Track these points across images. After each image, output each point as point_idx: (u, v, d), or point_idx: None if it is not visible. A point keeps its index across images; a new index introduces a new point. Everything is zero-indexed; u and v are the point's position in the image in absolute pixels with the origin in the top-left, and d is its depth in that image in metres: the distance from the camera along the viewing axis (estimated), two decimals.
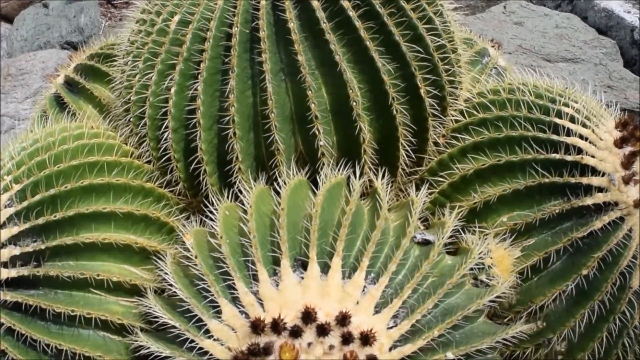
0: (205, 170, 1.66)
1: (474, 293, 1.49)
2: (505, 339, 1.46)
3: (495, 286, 1.50)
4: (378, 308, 1.40)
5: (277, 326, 1.32)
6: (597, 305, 1.53)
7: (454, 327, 1.41)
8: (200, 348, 1.41)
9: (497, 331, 1.45)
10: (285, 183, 1.53)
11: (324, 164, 1.61)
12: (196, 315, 1.43)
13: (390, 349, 1.38)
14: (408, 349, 1.37)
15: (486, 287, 1.53)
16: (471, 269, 1.51)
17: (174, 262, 1.51)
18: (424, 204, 1.56)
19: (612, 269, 1.53)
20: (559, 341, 1.61)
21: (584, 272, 1.53)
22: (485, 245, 1.56)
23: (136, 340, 1.49)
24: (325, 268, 1.42)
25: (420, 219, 1.53)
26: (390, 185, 1.55)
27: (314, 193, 1.51)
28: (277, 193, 1.52)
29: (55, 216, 1.56)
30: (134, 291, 1.56)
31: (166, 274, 1.49)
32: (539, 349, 1.60)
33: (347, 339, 1.32)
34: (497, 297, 1.48)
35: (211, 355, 1.40)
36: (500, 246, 1.59)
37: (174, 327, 1.44)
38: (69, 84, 2.18)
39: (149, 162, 1.75)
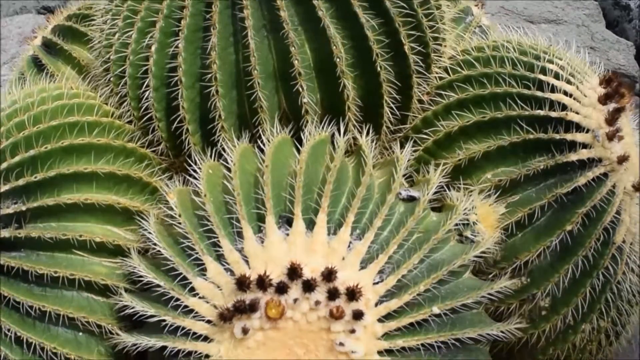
0: (187, 129, 1.64)
1: (459, 249, 1.49)
2: (490, 294, 1.46)
3: (480, 242, 1.50)
4: (364, 264, 1.40)
5: (262, 282, 1.31)
6: (580, 260, 1.54)
7: (439, 282, 1.41)
8: (185, 306, 1.40)
9: (482, 286, 1.45)
10: (268, 141, 1.51)
11: (307, 122, 1.59)
12: (181, 273, 1.41)
13: (376, 304, 1.38)
14: (394, 304, 1.37)
15: (471, 243, 1.52)
16: (456, 225, 1.50)
17: (157, 222, 1.49)
18: (408, 161, 1.55)
19: (596, 225, 1.54)
20: (542, 296, 1.62)
21: (568, 227, 1.53)
22: (470, 201, 1.55)
23: (120, 301, 1.48)
24: (310, 224, 1.41)
25: (404, 176, 1.51)
26: (374, 143, 1.54)
27: (298, 150, 1.50)
28: (261, 151, 1.50)
29: (35, 177, 1.54)
30: (118, 252, 1.54)
31: (150, 233, 1.48)
32: (523, 305, 1.61)
33: (333, 295, 1.31)
34: (482, 252, 1.48)
35: (196, 313, 1.39)
36: (485, 203, 1.59)
37: (158, 286, 1.43)
38: (47, 45, 2.14)
39: (130, 122, 1.73)
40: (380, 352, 1.37)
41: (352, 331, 1.34)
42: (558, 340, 1.65)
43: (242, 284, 1.32)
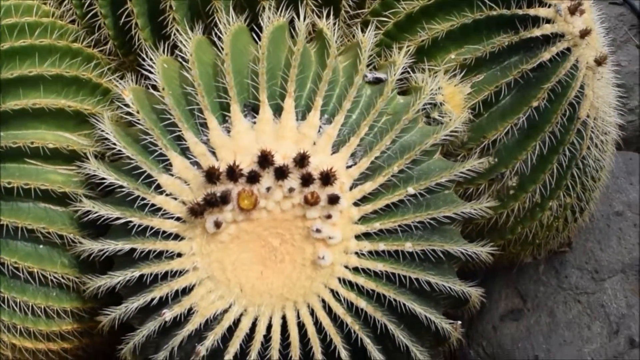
0: (136, 24, 1.55)
1: (429, 130, 1.46)
2: (462, 173, 1.44)
3: (448, 122, 1.47)
4: (335, 147, 1.36)
5: (233, 173, 1.27)
6: (547, 136, 1.54)
7: (412, 162, 1.39)
8: (153, 205, 1.36)
9: (454, 166, 1.43)
10: (224, 30, 1.43)
11: (264, 8, 1.51)
12: (144, 171, 1.36)
13: (350, 188, 1.35)
14: (369, 186, 1.34)
15: (439, 124, 1.49)
16: (423, 107, 1.47)
17: (113, 123, 1.45)
18: (371, 44, 1.49)
19: (561, 100, 1.52)
20: (511, 175, 1.60)
21: (534, 104, 1.52)
22: (435, 82, 1.51)
23: (81, 207, 1.43)
24: (277, 111, 1.36)
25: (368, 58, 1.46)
26: (335, 26, 1.47)
27: (256, 39, 1.42)
28: (219, 39, 1.42)
29: None
30: (73, 157, 1.49)
31: (107, 134, 1.41)
32: (492, 185, 1.61)
33: (306, 180, 1.28)
34: (452, 132, 1.46)
35: (165, 211, 1.35)
36: (450, 83, 1.54)
37: (121, 187, 1.38)
38: None
39: (73, 21, 1.62)
40: (357, 237, 1.35)
41: (328, 216, 1.31)
42: (526, 219, 1.66)
43: (211, 176, 1.27)
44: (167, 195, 1.35)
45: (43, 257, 1.49)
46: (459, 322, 1.47)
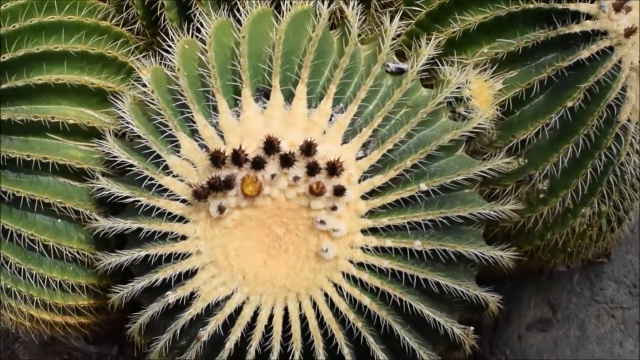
0: (162, 4, 1.54)
1: (450, 125, 1.40)
2: (483, 173, 1.38)
3: (473, 118, 1.40)
4: (346, 137, 1.32)
5: (238, 157, 1.24)
6: (582, 139, 1.45)
7: (428, 157, 1.33)
8: (160, 186, 1.35)
9: (474, 164, 1.37)
10: (247, 12, 1.40)
11: None
12: (154, 152, 1.36)
13: (359, 181, 1.31)
14: (378, 180, 1.30)
15: (464, 120, 1.43)
16: (449, 101, 1.41)
17: (133, 102, 1.44)
18: (399, 35, 1.44)
19: (599, 102, 1.44)
20: (540, 178, 1.52)
21: (569, 104, 1.44)
22: (463, 76, 1.44)
23: (97, 184, 1.43)
24: (289, 97, 1.32)
25: (393, 48, 1.41)
26: (362, 13, 1.43)
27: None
28: (239, 23, 1.39)
29: (3, 57, 1.44)
30: (93, 134, 1.49)
31: (124, 112, 1.41)
32: (520, 187, 1.53)
33: (312, 170, 1.24)
34: (477, 129, 1.40)
35: (171, 192, 1.34)
36: (480, 77, 1.46)
37: (132, 166, 1.38)
38: None
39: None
40: (364, 231, 1.31)
41: (334, 208, 1.28)
42: (557, 225, 1.59)
43: (216, 159, 1.25)
44: (174, 176, 1.33)
45: (60, 232, 1.50)
46: (471, 327, 1.42)
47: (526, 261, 1.65)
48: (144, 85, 1.39)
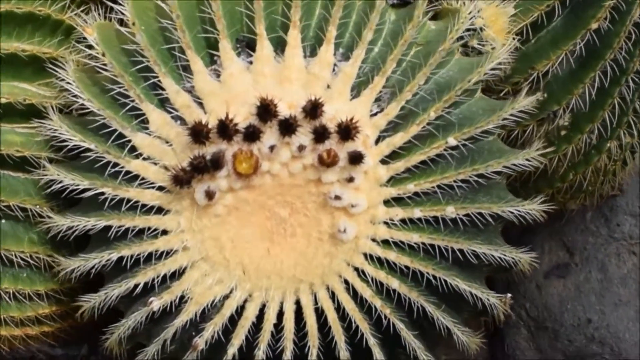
0: None
1: (468, 63, 1.20)
2: (512, 116, 1.19)
3: (492, 51, 1.21)
4: (356, 90, 1.12)
5: (225, 129, 1.04)
6: (608, 65, 1.32)
7: (453, 105, 1.14)
8: (128, 172, 1.14)
9: (503, 106, 1.18)
10: None
11: None
12: (115, 130, 1.14)
13: (376, 142, 1.12)
14: (400, 138, 1.11)
15: (478, 54, 1.24)
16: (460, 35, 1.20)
17: (78, 69, 1.23)
18: None
19: (625, 20, 1.29)
20: (563, 114, 1.39)
21: (594, 25, 1.29)
22: (473, 4, 1.24)
23: (45, 174, 1.22)
24: (279, 46, 1.12)
25: None
26: None
27: None
28: None
29: None
30: (32, 113, 1.29)
31: (69, 83, 1.18)
32: (542, 126, 1.41)
33: (321, 135, 1.05)
34: (498, 65, 1.19)
35: (143, 179, 1.14)
36: (491, 3, 1.28)
37: (88, 150, 1.16)
38: None
39: None
40: (387, 202, 1.13)
41: (350, 179, 1.10)
42: (580, 164, 1.48)
43: (198, 133, 1.05)
44: (144, 159, 1.14)
45: (6, 235, 1.33)
46: (509, 295, 1.28)
47: None
48: (90, 47, 1.17)
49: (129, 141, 1.13)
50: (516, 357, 1.73)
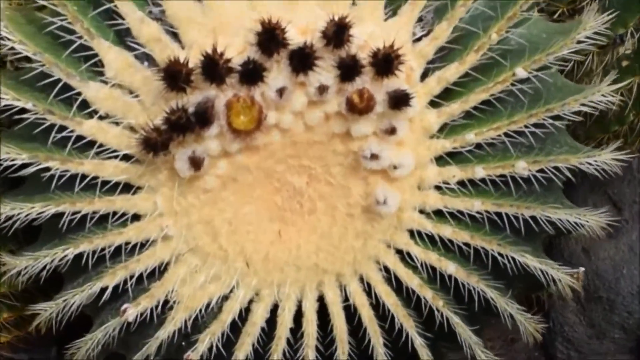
0: None
1: None
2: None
3: None
4: (391, 8, 0.86)
5: (214, 68, 0.78)
6: None
7: (515, 25, 0.89)
8: (80, 138, 0.89)
9: (573, 27, 0.96)
10: None
11: None
12: (59, 80, 0.89)
13: (422, 77, 0.86)
14: (454, 70, 0.87)
15: None
16: None
17: (11, 7, 1.02)
18: None
19: None
20: (628, 38, 1.20)
21: None
22: None
23: None
24: None
25: None
26: None
27: None
28: None
29: None
30: None
31: None
32: (602, 55, 1.23)
33: (350, 69, 0.80)
34: None
35: (101, 146, 0.89)
36: None
37: (24, 111, 0.91)
38: None
39: None
40: (439, 159, 0.90)
41: (391, 131, 0.84)
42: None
43: (174, 76, 0.79)
44: (101, 118, 0.89)
45: None
46: (582, 268, 1.09)
47: None
48: None
49: (79, 94, 0.89)
50: (564, 334, 1.58)
